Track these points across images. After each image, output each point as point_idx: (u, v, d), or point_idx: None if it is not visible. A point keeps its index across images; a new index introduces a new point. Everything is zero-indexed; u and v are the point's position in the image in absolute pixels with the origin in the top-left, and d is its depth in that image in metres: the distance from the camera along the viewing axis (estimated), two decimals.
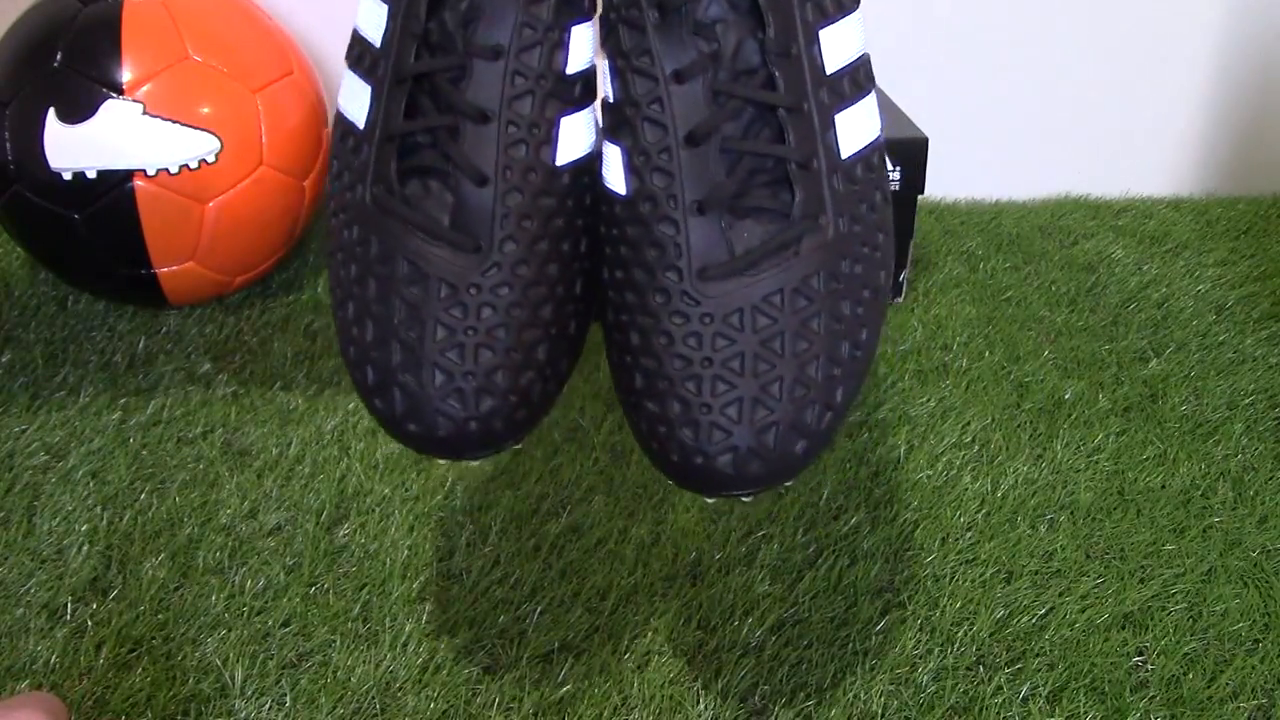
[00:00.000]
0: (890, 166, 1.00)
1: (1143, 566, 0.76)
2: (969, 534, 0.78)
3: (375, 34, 0.48)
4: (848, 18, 0.48)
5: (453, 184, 0.47)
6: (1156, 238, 1.20)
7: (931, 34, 1.24)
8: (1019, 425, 0.89)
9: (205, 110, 0.96)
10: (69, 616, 0.70)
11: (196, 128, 0.95)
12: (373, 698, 0.65)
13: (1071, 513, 0.80)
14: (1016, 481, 0.83)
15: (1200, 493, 0.82)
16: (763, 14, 0.45)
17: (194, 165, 0.95)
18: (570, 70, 0.48)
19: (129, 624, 0.70)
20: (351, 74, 0.50)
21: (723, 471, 0.45)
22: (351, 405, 0.90)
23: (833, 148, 0.47)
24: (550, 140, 0.47)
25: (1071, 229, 1.22)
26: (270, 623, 0.70)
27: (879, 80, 1.13)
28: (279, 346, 0.99)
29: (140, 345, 0.99)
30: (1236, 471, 0.84)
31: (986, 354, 0.99)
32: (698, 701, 0.65)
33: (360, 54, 0.49)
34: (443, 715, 0.64)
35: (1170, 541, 0.78)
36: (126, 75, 0.94)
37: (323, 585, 0.73)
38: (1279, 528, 0.79)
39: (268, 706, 0.64)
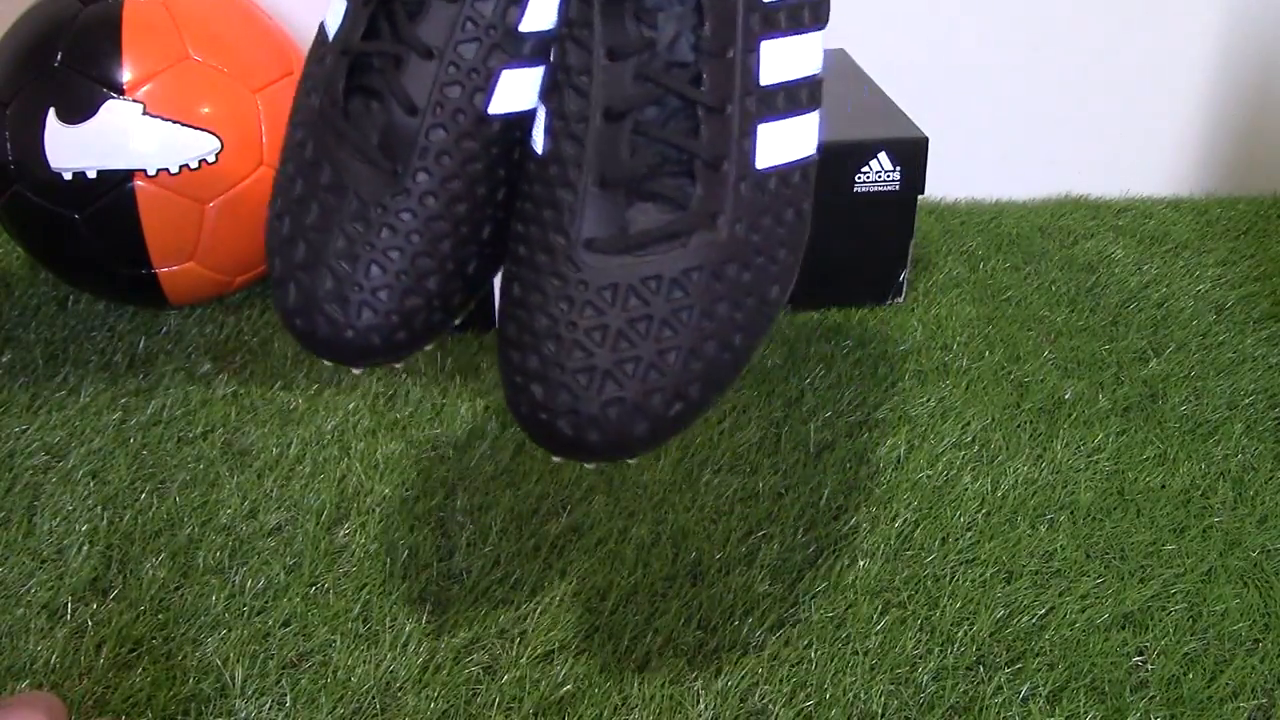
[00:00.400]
0: (891, 166, 1.00)
1: (1143, 566, 0.76)
2: (969, 534, 0.78)
3: None
4: (802, 35, 0.49)
5: (388, 108, 0.49)
6: (1156, 238, 1.20)
7: (932, 34, 1.24)
8: (1019, 425, 0.89)
9: (205, 110, 0.96)
10: (69, 616, 0.70)
11: (197, 128, 0.95)
12: (373, 698, 0.65)
13: (1071, 513, 0.80)
14: (1016, 481, 0.83)
15: (1200, 493, 0.82)
16: (703, 12, 0.46)
17: (194, 165, 0.95)
18: (524, 28, 0.49)
19: (129, 624, 0.70)
20: None
21: (562, 432, 0.47)
22: (352, 405, 0.90)
23: (748, 155, 0.48)
24: (486, 88, 0.49)
25: (1071, 229, 1.22)
26: (270, 623, 0.70)
27: (879, 79, 1.13)
28: (279, 346, 0.99)
29: (140, 345, 0.99)
30: (1236, 471, 0.84)
31: (986, 354, 0.99)
32: (698, 701, 0.65)
33: None
34: (443, 715, 0.64)
35: (1170, 541, 0.78)
36: (127, 75, 0.94)
37: (323, 585, 0.73)
38: (1279, 528, 0.79)
39: (268, 706, 0.64)
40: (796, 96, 0.49)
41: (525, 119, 0.51)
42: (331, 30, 0.51)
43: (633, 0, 0.46)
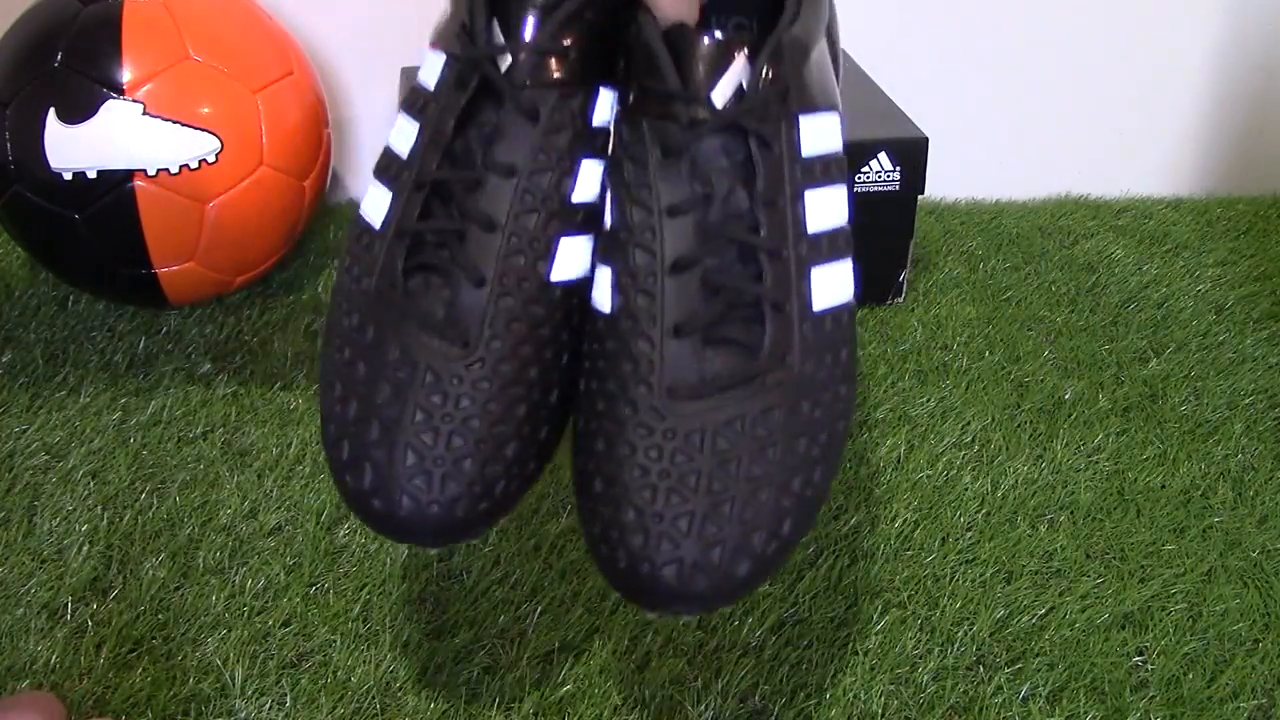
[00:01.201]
0: (891, 166, 1.00)
1: (1143, 566, 0.76)
2: (969, 534, 0.78)
3: (404, 147, 0.53)
4: (834, 187, 0.52)
5: (453, 282, 0.51)
6: (1156, 238, 1.20)
7: (932, 34, 1.24)
8: (1019, 425, 0.89)
9: (205, 110, 0.96)
10: (69, 616, 0.70)
11: (196, 128, 0.95)
12: (373, 698, 0.65)
13: (1071, 513, 0.80)
14: (1016, 481, 0.83)
15: (1200, 493, 0.82)
16: (755, 166, 0.49)
17: (194, 165, 0.95)
18: (576, 199, 0.52)
19: (129, 624, 0.70)
20: (376, 182, 0.54)
21: (667, 582, 0.47)
22: None
23: (805, 297, 0.50)
24: (548, 256, 0.51)
25: (1071, 229, 1.22)
26: (270, 623, 0.70)
27: (879, 78, 1.13)
28: (279, 346, 0.99)
29: (140, 345, 0.99)
30: (1236, 471, 0.84)
31: (986, 354, 0.99)
32: (698, 701, 0.65)
33: (387, 165, 0.54)
34: (443, 715, 0.64)
35: (1170, 541, 0.78)
36: (127, 75, 0.94)
37: (323, 585, 0.73)
38: (1279, 528, 0.79)
39: (268, 706, 0.64)
40: (836, 243, 0.52)
41: (582, 286, 0.53)
42: (377, 218, 0.53)
43: (688, 159, 0.49)
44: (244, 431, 0.88)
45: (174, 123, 0.94)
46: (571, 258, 0.52)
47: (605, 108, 0.52)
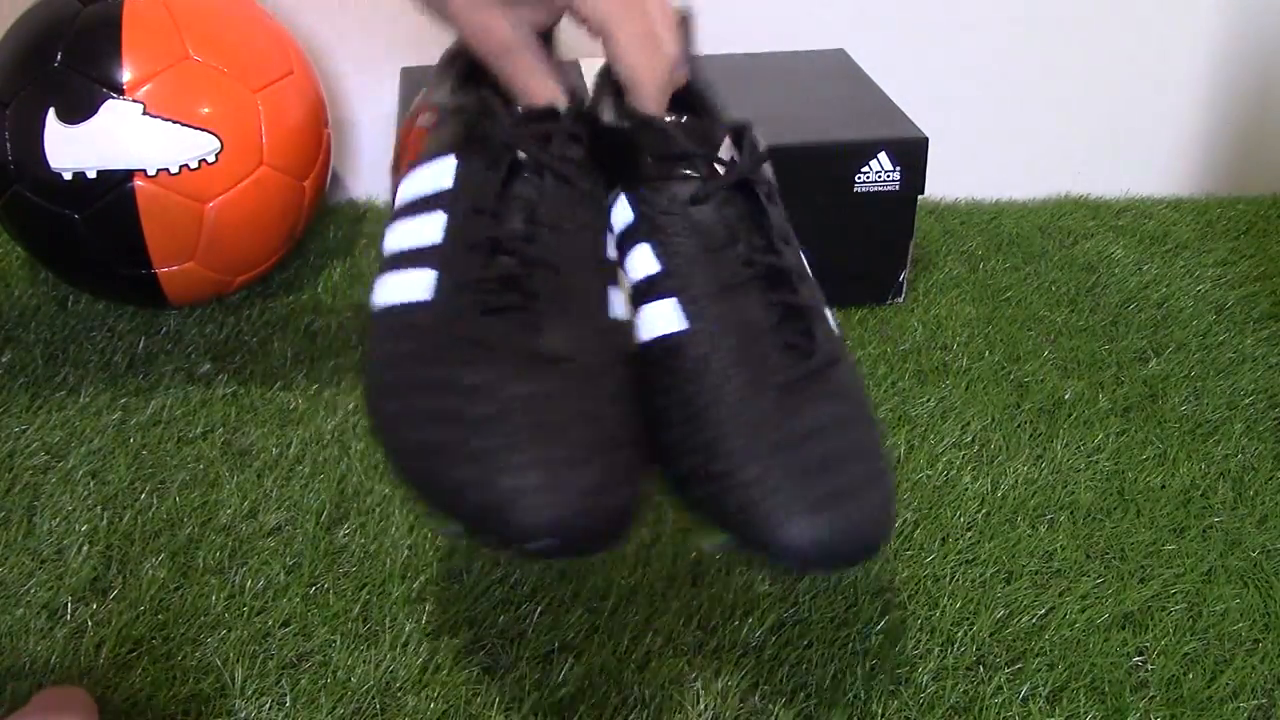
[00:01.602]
0: (891, 166, 1.00)
1: (1143, 566, 0.76)
2: (969, 534, 0.78)
3: (431, 235, 0.55)
4: (826, 310, 0.59)
5: (532, 315, 0.53)
6: (1156, 238, 1.20)
7: (932, 34, 1.24)
8: (1019, 425, 0.89)
9: (205, 110, 0.96)
10: (69, 616, 0.70)
11: (196, 128, 0.95)
12: (373, 698, 0.65)
13: (1071, 513, 0.80)
14: (1016, 481, 0.83)
15: (1200, 493, 0.82)
16: (766, 214, 0.57)
17: (194, 165, 0.95)
18: (611, 254, 0.58)
19: (129, 624, 0.70)
20: (401, 270, 0.55)
21: (872, 538, 0.51)
22: (351, 405, 0.90)
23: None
24: (605, 299, 0.56)
25: (1071, 229, 1.22)
26: (270, 623, 0.70)
27: (879, 77, 1.13)
28: (279, 346, 0.99)
29: (140, 345, 0.99)
30: (1236, 471, 0.85)
31: (986, 354, 0.99)
32: (698, 701, 0.65)
33: (414, 255, 0.55)
34: (443, 715, 0.64)
35: (1170, 541, 0.78)
36: (127, 75, 0.94)
37: (323, 585, 0.73)
38: (1279, 528, 0.79)
39: (268, 706, 0.64)
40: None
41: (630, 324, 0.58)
42: (423, 293, 0.53)
43: (714, 207, 0.56)
44: (244, 431, 0.88)
45: (174, 123, 0.94)
46: (619, 301, 0.56)
47: (616, 198, 0.58)
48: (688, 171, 0.56)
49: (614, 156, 0.58)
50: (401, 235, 0.56)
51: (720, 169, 0.56)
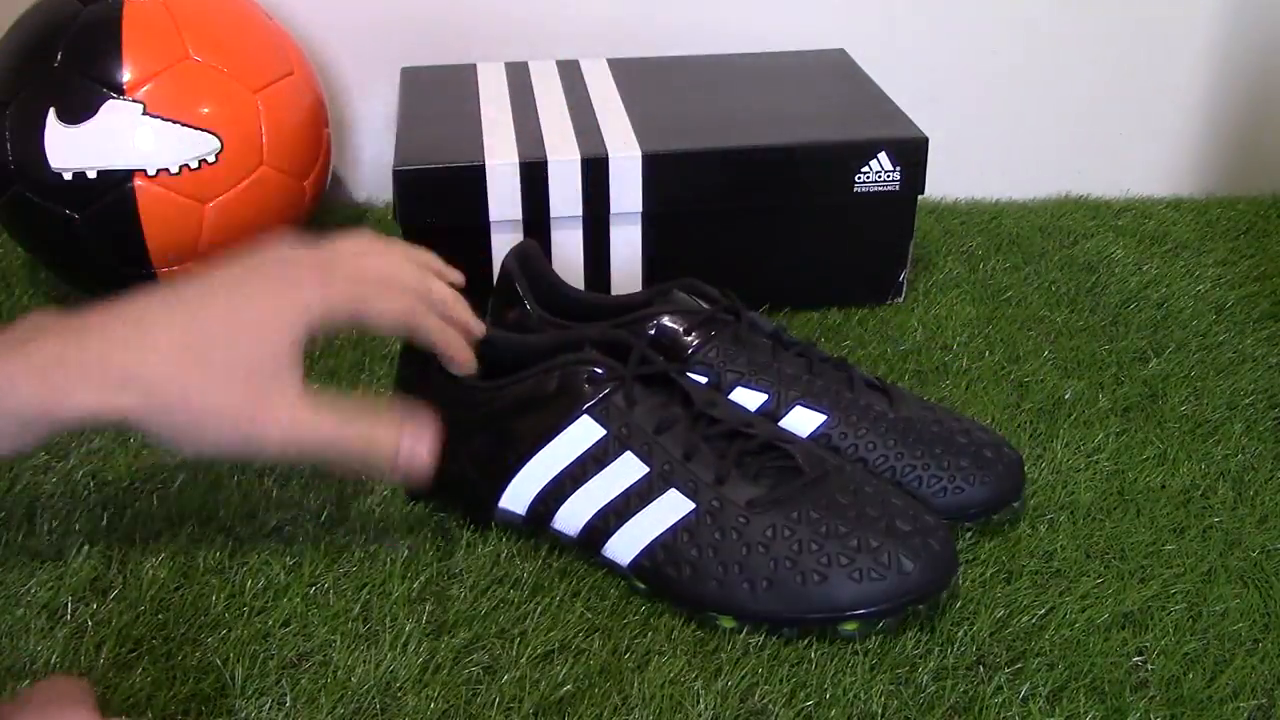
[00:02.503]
0: (891, 166, 1.00)
1: (1143, 566, 0.76)
2: (969, 534, 0.78)
3: (593, 437, 0.72)
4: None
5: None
6: (1156, 238, 1.20)
7: (932, 34, 1.24)
8: (1019, 425, 0.89)
9: (205, 110, 0.96)
10: (69, 616, 0.70)
11: (196, 128, 0.95)
12: (373, 698, 0.65)
13: (1071, 513, 0.80)
14: None
15: (1200, 493, 0.82)
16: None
17: (194, 165, 0.95)
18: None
19: (129, 624, 0.70)
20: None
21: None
22: None
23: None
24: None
25: (1071, 229, 1.22)
26: (270, 623, 0.70)
27: (879, 77, 1.13)
28: None
29: None
30: (1236, 471, 0.84)
31: (986, 354, 0.99)
32: (698, 701, 0.65)
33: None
34: (443, 715, 0.64)
35: (1170, 541, 0.78)
36: (127, 75, 0.94)
37: (323, 585, 0.73)
38: (1279, 528, 0.79)
39: (268, 706, 0.64)
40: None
41: None
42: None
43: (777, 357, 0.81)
44: None
45: (174, 123, 0.94)
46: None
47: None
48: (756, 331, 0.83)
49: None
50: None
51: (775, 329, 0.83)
